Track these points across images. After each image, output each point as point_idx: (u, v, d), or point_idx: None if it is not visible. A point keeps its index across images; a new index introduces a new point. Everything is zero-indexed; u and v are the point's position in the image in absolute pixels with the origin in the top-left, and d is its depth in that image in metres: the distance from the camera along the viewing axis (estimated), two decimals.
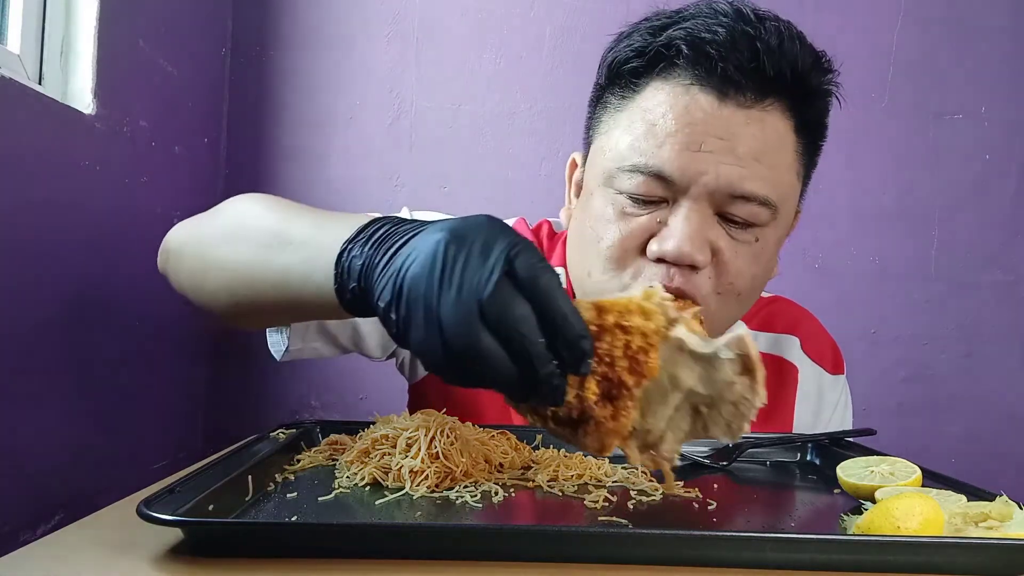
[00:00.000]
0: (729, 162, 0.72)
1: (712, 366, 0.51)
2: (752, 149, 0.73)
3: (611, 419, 0.50)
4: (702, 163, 0.72)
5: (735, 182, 0.73)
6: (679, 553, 0.48)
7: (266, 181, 1.60)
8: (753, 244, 0.76)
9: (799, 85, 0.75)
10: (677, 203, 0.74)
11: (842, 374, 0.99)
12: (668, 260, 0.73)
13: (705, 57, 0.73)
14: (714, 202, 0.74)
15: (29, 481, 0.98)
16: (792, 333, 0.96)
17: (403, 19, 1.61)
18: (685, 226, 0.72)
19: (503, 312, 0.45)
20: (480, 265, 0.45)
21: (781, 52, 0.73)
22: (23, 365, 0.96)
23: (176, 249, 0.75)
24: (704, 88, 0.74)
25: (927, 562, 0.46)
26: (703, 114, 0.73)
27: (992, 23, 1.56)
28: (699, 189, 0.73)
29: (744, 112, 0.73)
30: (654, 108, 0.75)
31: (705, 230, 0.73)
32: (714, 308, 0.76)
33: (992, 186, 1.56)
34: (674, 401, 0.53)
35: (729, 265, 0.75)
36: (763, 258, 0.78)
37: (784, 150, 0.77)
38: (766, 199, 0.74)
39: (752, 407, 0.51)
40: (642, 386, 0.50)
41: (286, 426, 0.80)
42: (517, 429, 0.78)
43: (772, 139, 0.75)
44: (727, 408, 0.52)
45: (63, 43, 1.09)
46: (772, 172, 0.75)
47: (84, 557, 0.48)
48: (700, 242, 0.73)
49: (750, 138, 0.73)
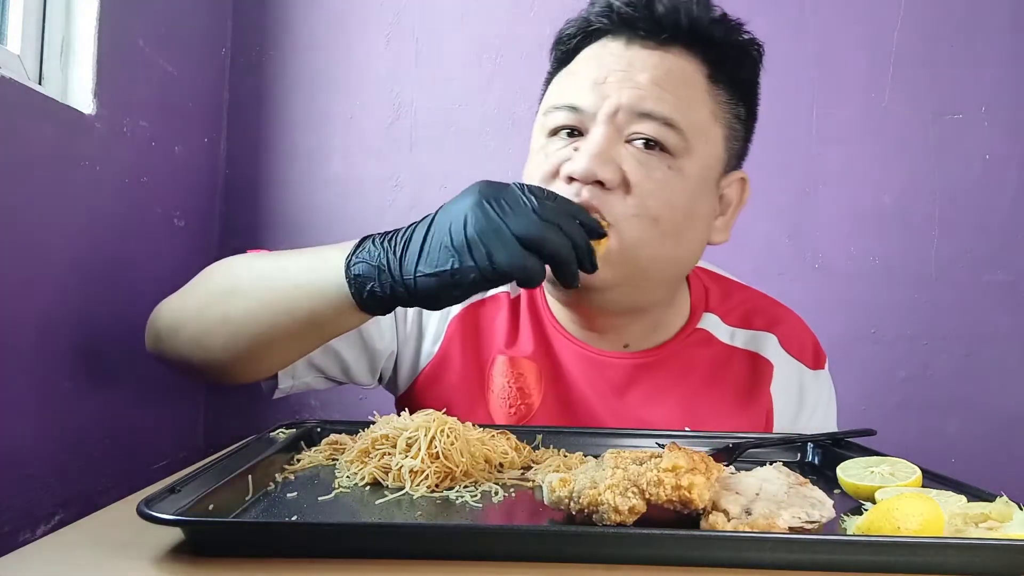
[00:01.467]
0: (629, 87, 0.82)
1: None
2: (652, 77, 0.82)
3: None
4: (606, 90, 0.82)
5: (635, 102, 0.81)
6: (679, 553, 0.48)
7: (266, 181, 1.60)
8: (666, 170, 0.82)
9: (697, 34, 0.84)
10: (588, 131, 0.83)
11: (823, 369, 1.01)
12: (576, 178, 0.80)
13: (616, 13, 0.85)
14: (617, 124, 0.81)
15: (29, 481, 0.98)
16: (770, 331, 0.98)
17: (403, 19, 1.61)
18: (590, 146, 0.81)
19: (548, 213, 0.65)
20: (514, 193, 0.66)
21: (675, 7, 0.83)
22: (23, 365, 0.96)
23: (168, 325, 0.81)
24: (615, 37, 0.86)
25: (927, 563, 0.46)
26: (611, 56, 0.84)
27: (992, 23, 1.56)
28: (603, 114, 0.81)
29: (646, 51, 0.84)
30: (575, 66, 0.88)
31: (609, 149, 0.81)
32: (632, 234, 0.81)
33: (992, 186, 1.56)
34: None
35: (639, 186, 0.80)
36: (681, 188, 0.83)
37: (690, 86, 0.84)
38: (668, 119, 0.81)
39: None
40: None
41: (286, 426, 0.80)
42: (517, 429, 0.79)
43: (675, 72, 0.83)
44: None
45: (63, 43, 1.09)
46: (676, 99, 0.82)
47: (84, 557, 0.48)
48: (604, 159, 0.80)
49: (651, 68, 0.83)
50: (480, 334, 0.94)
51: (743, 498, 0.54)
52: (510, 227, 0.63)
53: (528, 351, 0.93)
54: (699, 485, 0.51)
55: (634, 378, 0.92)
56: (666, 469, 0.52)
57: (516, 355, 0.93)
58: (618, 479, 0.52)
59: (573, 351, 0.93)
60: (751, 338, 0.97)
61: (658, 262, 0.84)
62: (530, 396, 0.91)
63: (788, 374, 0.97)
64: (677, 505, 0.52)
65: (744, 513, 0.52)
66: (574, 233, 0.66)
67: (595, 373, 0.92)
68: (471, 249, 0.64)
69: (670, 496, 0.51)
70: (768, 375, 0.96)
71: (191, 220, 1.43)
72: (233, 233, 1.58)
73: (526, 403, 0.91)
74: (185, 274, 0.89)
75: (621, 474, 0.53)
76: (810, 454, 0.81)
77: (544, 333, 0.94)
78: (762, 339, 0.97)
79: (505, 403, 0.91)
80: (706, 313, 0.98)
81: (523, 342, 0.94)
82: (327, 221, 1.59)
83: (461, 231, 0.64)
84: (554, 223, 0.65)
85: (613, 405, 0.92)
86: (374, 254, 0.68)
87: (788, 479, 0.58)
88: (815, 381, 0.99)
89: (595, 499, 0.51)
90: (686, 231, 0.85)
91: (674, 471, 0.52)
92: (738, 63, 0.87)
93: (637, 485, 0.52)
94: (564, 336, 0.94)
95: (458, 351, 0.93)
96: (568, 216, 0.67)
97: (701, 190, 0.85)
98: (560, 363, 0.93)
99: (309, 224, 1.59)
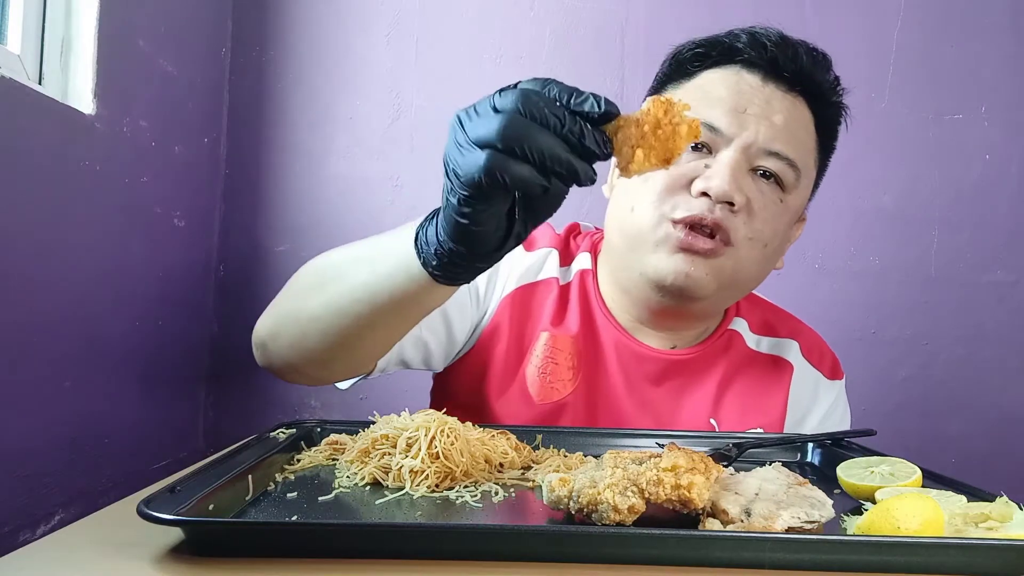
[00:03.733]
0: (766, 125, 0.88)
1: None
2: (785, 120, 0.89)
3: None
4: (746, 121, 0.88)
5: (770, 141, 0.88)
6: (679, 553, 0.48)
7: (266, 181, 1.60)
8: (779, 204, 0.90)
9: (820, 89, 0.92)
10: (720, 153, 0.88)
11: (840, 380, 1.05)
12: (710, 195, 0.85)
13: (760, 46, 0.91)
14: (749, 156, 0.88)
15: (29, 481, 0.98)
16: (793, 338, 1.04)
17: (403, 19, 1.61)
18: (727, 169, 0.86)
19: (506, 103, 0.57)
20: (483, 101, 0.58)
21: (813, 58, 0.92)
22: (23, 365, 0.96)
23: (268, 334, 0.81)
24: (751, 70, 0.91)
25: (927, 562, 0.46)
26: (749, 88, 0.90)
27: (992, 23, 1.56)
28: (741, 142, 0.87)
29: (781, 93, 0.91)
30: (707, 84, 0.92)
31: (741, 177, 0.87)
32: (744, 253, 0.88)
33: (992, 186, 1.56)
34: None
35: (758, 214, 0.88)
36: (784, 219, 0.91)
37: (806, 133, 0.93)
38: (793, 160, 0.89)
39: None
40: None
41: (286, 426, 0.80)
42: (517, 429, 0.79)
43: (800, 120, 0.91)
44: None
45: (63, 43, 1.09)
46: (798, 142, 0.90)
47: (84, 557, 0.48)
48: (737, 184, 0.86)
49: (784, 112, 0.90)
50: (530, 313, 0.98)
51: (743, 498, 0.54)
52: (468, 134, 0.55)
53: (573, 331, 0.97)
54: (698, 485, 0.52)
55: (670, 372, 0.97)
56: (666, 469, 0.52)
57: (560, 333, 0.96)
58: (617, 478, 0.52)
59: (617, 339, 0.97)
60: (775, 344, 1.03)
61: (752, 281, 0.94)
62: (567, 373, 0.95)
63: (806, 378, 1.02)
64: (676, 504, 0.52)
65: (744, 513, 0.52)
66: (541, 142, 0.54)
67: (634, 365, 0.97)
68: (446, 169, 0.57)
69: (669, 495, 0.51)
70: (788, 375, 1.01)
71: (191, 220, 1.43)
72: (233, 233, 1.59)
73: (562, 380, 0.94)
74: (185, 274, 0.89)
75: (621, 473, 0.53)
76: (810, 454, 0.81)
77: (591, 317, 0.99)
78: (785, 345, 1.03)
79: (545, 377, 0.94)
80: (736, 318, 1.04)
81: (570, 322, 0.98)
82: (327, 221, 1.59)
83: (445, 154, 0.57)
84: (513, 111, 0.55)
85: (644, 397, 0.96)
86: (431, 232, 0.62)
87: (788, 479, 0.58)
88: (830, 389, 1.03)
89: (594, 498, 0.51)
90: (777, 257, 0.95)
91: (673, 471, 0.52)
92: (836, 120, 0.97)
93: (637, 484, 0.52)
94: (613, 324, 0.98)
95: (506, 327, 0.96)
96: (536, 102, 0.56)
97: (792, 224, 0.95)
98: (602, 348, 0.97)
99: (309, 224, 1.59)
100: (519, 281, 0.97)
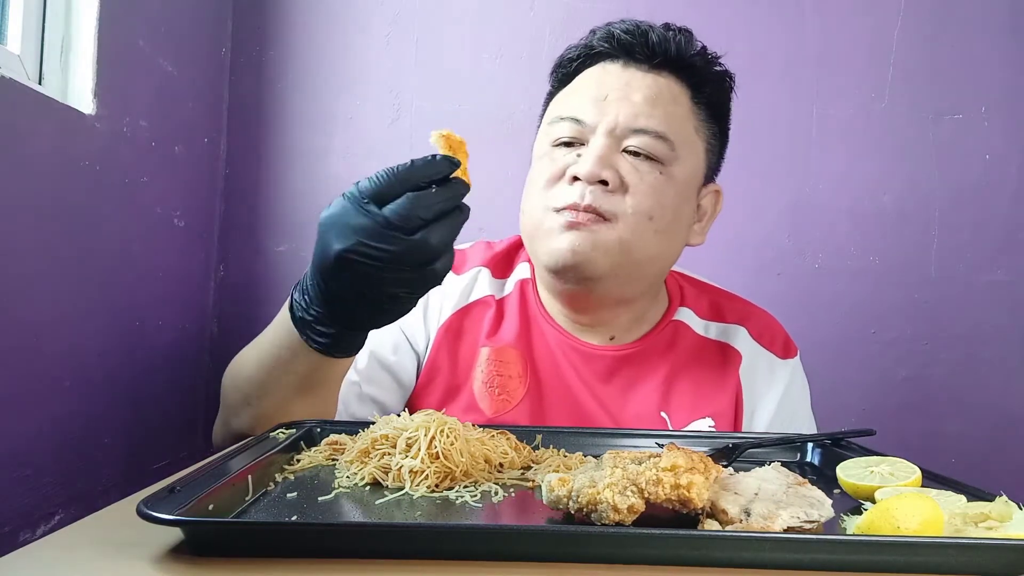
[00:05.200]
0: (627, 106, 0.94)
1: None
2: (645, 96, 0.95)
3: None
4: (606, 107, 0.94)
5: (632, 119, 0.93)
6: (679, 553, 0.48)
7: (266, 181, 1.60)
8: (658, 175, 0.93)
9: (685, 61, 0.97)
10: (589, 141, 0.94)
11: (793, 358, 1.07)
12: (581, 178, 0.91)
13: (612, 37, 0.98)
14: (616, 138, 0.93)
15: (29, 481, 0.98)
16: (741, 324, 1.07)
17: (403, 19, 1.61)
18: (593, 152, 0.92)
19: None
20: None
21: (666, 38, 0.97)
22: (23, 365, 0.96)
23: (223, 428, 0.94)
24: (613, 60, 0.98)
25: (927, 562, 0.46)
26: (609, 77, 0.97)
27: (992, 23, 1.56)
28: (604, 126, 0.93)
29: (641, 73, 0.97)
30: (577, 84, 1.00)
31: (610, 156, 0.92)
32: (628, 226, 0.92)
33: (992, 186, 1.56)
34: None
35: (635, 187, 0.92)
36: (670, 192, 0.94)
37: (677, 103, 0.97)
38: (661, 133, 0.93)
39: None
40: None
41: (286, 426, 0.80)
42: (517, 429, 0.79)
43: (665, 91, 0.96)
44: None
45: (63, 43, 1.09)
46: (665, 114, 0.94)
47: (84, 557, 0.48)
48: (605, 163, 0.91)
49: (645, 88, 0.95)
50: (464, 335, 1.01)
51: (742, 498, 0.54)
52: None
53: (510, 339, 1.00)
54: (698, 484, 0.52)
55: (617, 368, 1.00)
56: (665, 468, 0.52)
57: (498, 344, 1.00)
58: (617, 478, 0.52)
59: (561, 341, 1.01)
60: (723, 330, 1.06)
61: (649, 256, 0.95)
62: (514, 381, 0.97)
63: (757, 361, 1.04)
64: (676, 504, 0.52)
65: (743, 513, 0.52)
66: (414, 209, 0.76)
67: (582, 363, 1.00)
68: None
69: (669, 495, 0.51)
70: (736, 364, 1.03)
71: (191, 220, 1.43)
72: (233, 233, 1.59)
73: (511, 389, 0.97)
74: (185, 274, 0.89)
75: (620, 473, 0.53)
76: (809, 454, 0.81)
77: (530, 323, 1.02)
78: (732, 331, 1.06)
79: (492, 390, 0.97)
80: (681, 307, 1.06)
81: (505, 332, 1.01)
82: None
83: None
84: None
85: (596, 392, 0.98)
86: (301, 294, 0.77)
87: (787, 479, 0.58)
88: (784, 367, 1.05)
89: (594, 498, 0.51)
90: (673, 230, 0.97)
91: (673, 470, 0.52)
92: (715, 88, 1.01)
93: (636, 484, 0.52)
94: (554, 327, 1.02)
95: (446, 356, 1.00)
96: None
97: (686, 195, 0.98)
98: (548, 351, 1.00)
99: (309, 224, 1.59)
100: (454, 307, 1.02)
